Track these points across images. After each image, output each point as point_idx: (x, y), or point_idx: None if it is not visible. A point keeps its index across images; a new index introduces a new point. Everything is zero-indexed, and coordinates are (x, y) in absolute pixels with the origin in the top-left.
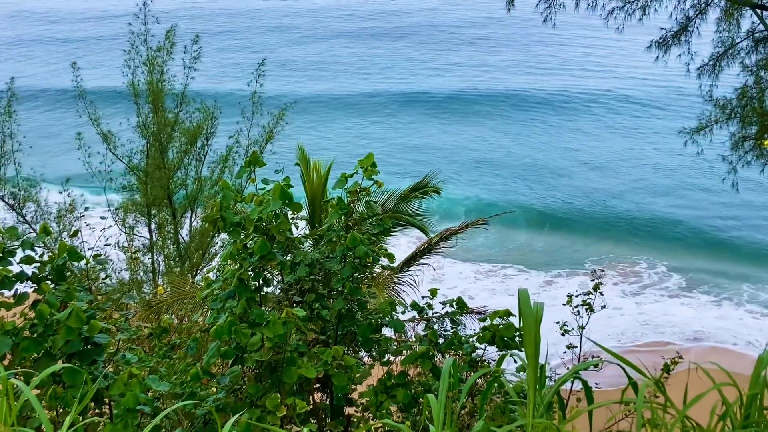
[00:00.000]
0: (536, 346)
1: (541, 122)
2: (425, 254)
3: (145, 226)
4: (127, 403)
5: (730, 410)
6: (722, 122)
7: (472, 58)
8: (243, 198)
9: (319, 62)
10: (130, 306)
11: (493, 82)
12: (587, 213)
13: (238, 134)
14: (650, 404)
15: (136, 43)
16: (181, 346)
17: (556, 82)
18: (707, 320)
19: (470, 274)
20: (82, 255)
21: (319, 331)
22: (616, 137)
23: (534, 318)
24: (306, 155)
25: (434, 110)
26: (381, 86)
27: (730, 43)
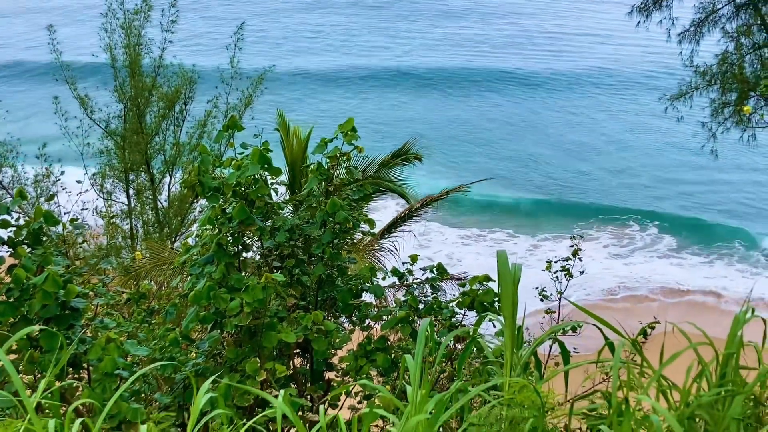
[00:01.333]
0: (514, 307)
1: (524, 96)
2: (406, 221)
3: (123, 192)
4: (105, 367)
5: (706, 370)
6: (702, 89)
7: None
8: (222, 163)
9: (294, 35)
10: (108, 271)
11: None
12: (577, 180)
13: (216, 99)
14: (626, 364)
15: (113, 5)
16: (160, 311)
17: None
18: (696, 279)
19: (457, 239)
20: (59, 219)
21: (299, 296)
22: (605, 113)
23: (512, 279)
24: (286, 120)
25: (417, 86)
26: (360, 61)
27: (711, 9)
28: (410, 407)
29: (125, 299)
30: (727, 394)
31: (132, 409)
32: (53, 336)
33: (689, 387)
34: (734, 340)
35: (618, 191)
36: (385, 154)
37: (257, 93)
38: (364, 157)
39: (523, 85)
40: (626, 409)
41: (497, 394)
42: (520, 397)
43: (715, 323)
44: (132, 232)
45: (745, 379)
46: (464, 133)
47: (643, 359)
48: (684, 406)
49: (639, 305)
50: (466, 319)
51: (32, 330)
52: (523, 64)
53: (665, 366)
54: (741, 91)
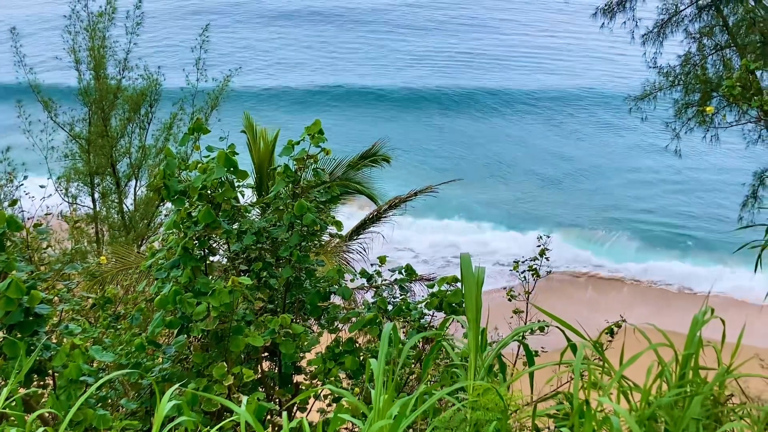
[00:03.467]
0: (477, 310)
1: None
2: (374, 222)
3: (88, 196)
4: (70, 374)
5: (666, 370)
6: (666, 89)
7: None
8: (187, 166)
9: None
10: (73, 276)
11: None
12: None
13: (182, 102)
14: (588, 365)
15: (76, 8)
16: (126, 316)
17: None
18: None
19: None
20: (22, 224)
21: (266, 299)
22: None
23: (475, 282)
24: (252, 122)
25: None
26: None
27: (674, 11)
28: (374, 411)
29: (90, 304)
30: (686, 395)
31: (98, 415)
32: (16, 343)
33: (650, 387)
34: (693, 340)
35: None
36: (353, 156)
37: (223, 95)
38: (331, 159)
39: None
40: (587, 411)
41: (462, 396)
42: (483, 399)
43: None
44: (97, 236)
45: (705, 379)
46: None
47: (604, 360)
48: (644, 407)
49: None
50: (435, 320)
51: None
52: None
53: (625, 367)
54: (704, 91)
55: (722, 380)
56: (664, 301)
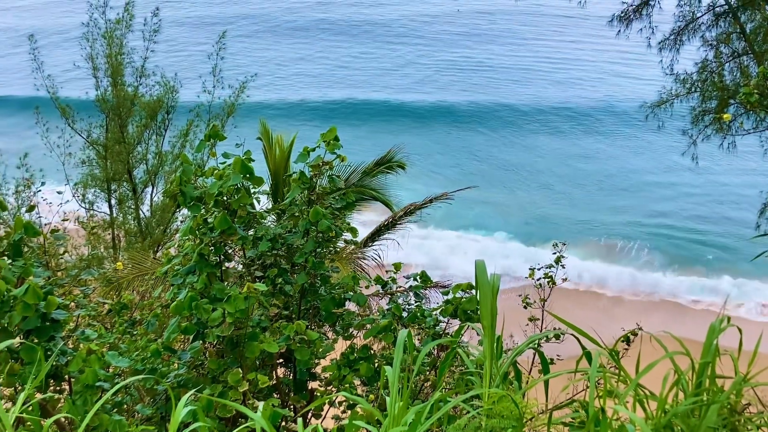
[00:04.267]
0: (493, 317)
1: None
2: (390, 229)
3: (105, 202)
4: (86, 379)
5: (682, 378)
6: (683, 96)
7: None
8: (203, 172)
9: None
10: (90, 282)
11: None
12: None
13: (198, 108)
14: (604, 373)
15: (94, 15)
16: (142, 322)
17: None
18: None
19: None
20: (39, 230)
21: (281, 306)
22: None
23: (490, 289)
24: (268, 129)
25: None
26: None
27: (691, 18)
28: (389, 418)
29: (107, 310)
30: (703, 403)
31: (114, 421)
32: (34, 348)
33: (666, 396)
34: (710, 348)
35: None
36: (368, 163)
37: (239, 102)
38: (347, 165)
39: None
40: (603, 419)
41: (477, 404)
42: (498, 407)
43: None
44: (114, 242)
45: (722, 387)
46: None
47: (620, 369)
48: (661, 415)
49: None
50: (450, 327)
51: (12, 343)
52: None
53: (642, 375)
54: (721, 98)
55: (739, 389)
56: (679, 309)
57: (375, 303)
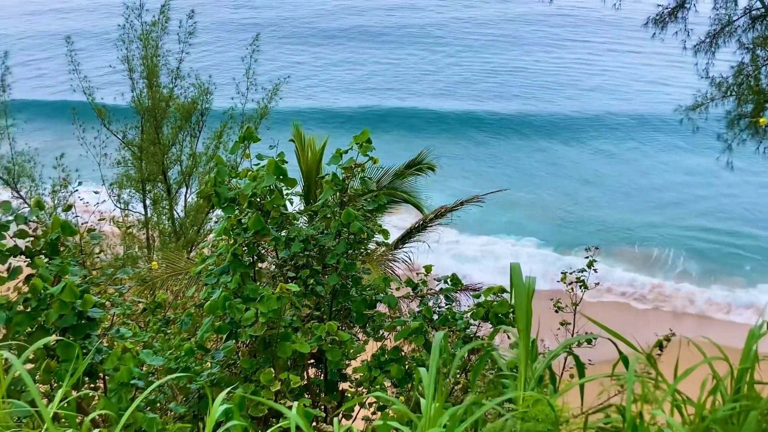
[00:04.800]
0: (528, 320)
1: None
2: (420, 231)
3: (140, 202)
4: (121, 377)
5: (721, 384)
6: (718, 100)
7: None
8: (237, 173)
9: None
10: (125, 281)
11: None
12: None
13: (232, 110)
14: (640, 378)
15: (130, 17)
16: (176, 321)
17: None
18: (703, 293)
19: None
20: (76, 229)
21: (313, 306)
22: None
23: (526, 292)
24: (301, 132)
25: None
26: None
27: (727, 21)
28: (424, 420)
29: (141, 309)
30: (742, 410)
31: (148, 419)
32: (70, 346)
33: (704, 401)
34: (749, 354)
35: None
36: (399, 165)
37: (273, 103)
38: (378, 168)
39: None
40: (640, 424)
41: (511, 407)
42: (534, 410)
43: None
44: (148, 242)
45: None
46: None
47: (657, 373)
48: (698, 421)
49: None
50: (480, 330)
51: (49, 340)
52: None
53: (680, 380)
54: (757, 102)
55: None
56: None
57: (405, 305)
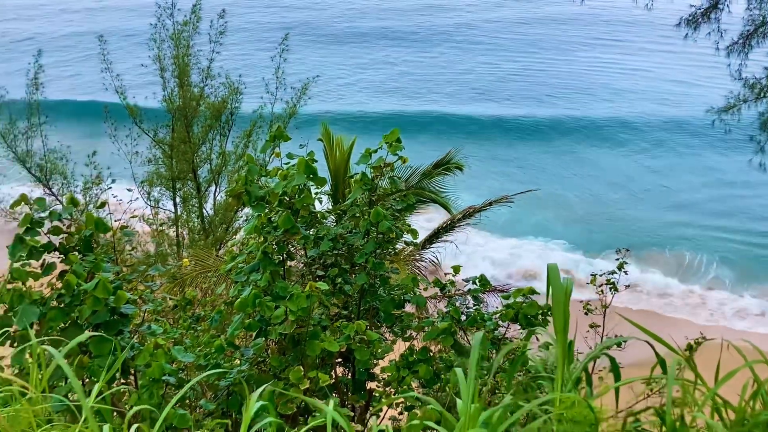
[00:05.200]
0: (565, 321)
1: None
2: (448, 231)
3: (170, 200)
4: (153, 373)
5: (762, 389)
6: (751, 102)
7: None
8: (267, 172)
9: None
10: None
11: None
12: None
13: (261, 109)
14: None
15: (162, 17)
16: (205, 318)
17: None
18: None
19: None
20: (109, 226)
21: (341, 305)
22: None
23: (563, 293)
24: (329, 131)
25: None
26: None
27: (761, 21)
28: (463, 420)
29: (172, 306)
30: None
31: (178, 415)
32: (103, 341)
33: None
34: None
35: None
36: (427, 165)
37: (302, 103)
38: (406, 167)
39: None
40: (681, 427)
41: (546, 409)
42: (571, 412)
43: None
44: (178, 239)
45: None
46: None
47: (697, 376)
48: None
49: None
50: (509, 332)
51: (86, 336)
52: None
53: (721, 384)
54: None
55: None
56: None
57: (433, 306)
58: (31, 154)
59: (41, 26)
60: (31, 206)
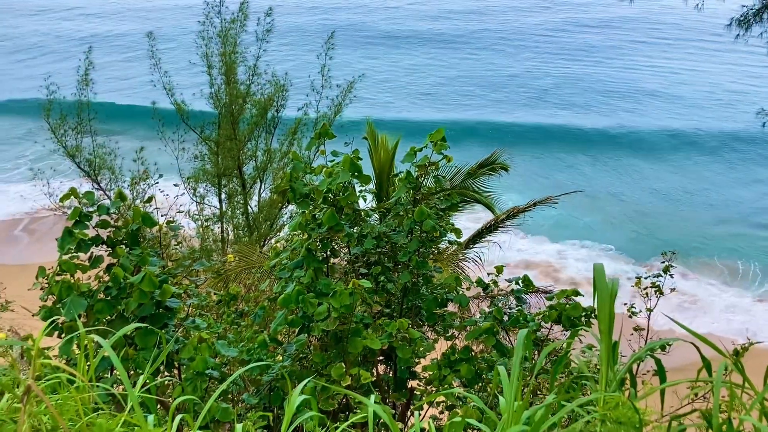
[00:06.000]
0: (611, 322)
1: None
2: (492, 231)
3: (215, 196)
4: (197, 366)
5: None
6: None
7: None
8: (312, 170)
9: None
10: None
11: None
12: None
13: (306, 106)
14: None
15: (210, 14)
16: (249, 313)
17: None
18: None
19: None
20: (156, 221)
21: (384, 303)
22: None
23: (609, 293)
24: (374, 130)
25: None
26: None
27: None
28: (506, 417)
29: (216, 301)
30: None
31: (221, 408)
32: (148, 334)
33: None
34: None
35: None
36: (472, 164)
37: (347, 101)
38: (450, 166)
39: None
40: (728, 430)
41: (590, 409)
42: (615, 413)
43: None
44: (222, 235)
45: None
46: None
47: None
48: None
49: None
50: (552, 333)
51: (132, 327)
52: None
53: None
54: None
55: None
56: None
57: (475, 305)
58: (80, 149)
59: (98, 26)
60: (80, 200)
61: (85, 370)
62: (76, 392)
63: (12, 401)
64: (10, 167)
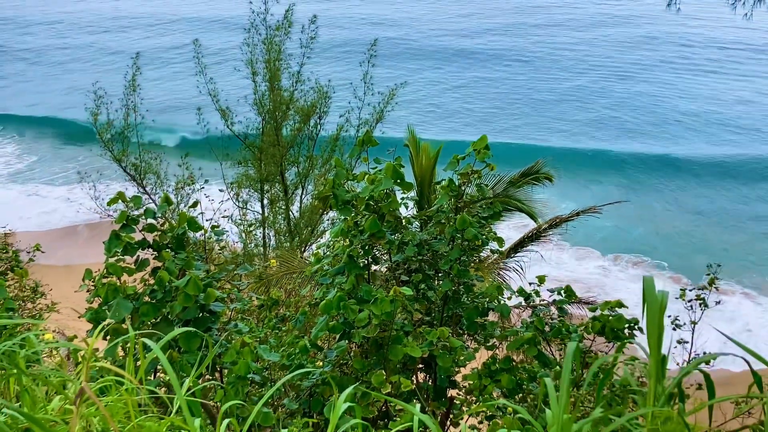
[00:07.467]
0: (660, 335)
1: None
2: (533, 241)
3: (257, 201)
4: (239, 370)
5: None
6: None
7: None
8: (354, 176)
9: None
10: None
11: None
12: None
13: (348, 114)
14: None
15: (255, 21)
16: (290, 318)
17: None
18: None
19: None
20: (201, 225)
21: (424, 311)
22: None
23: (658, 306)
24: (416, 137)
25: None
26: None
27: None
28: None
29: (258, 305)
30: None
31: (262, 413)
32: (193, 337)
33: None
34: None
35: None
36: (514, 173)
37: (388, 109)
38: (492, 174)
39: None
40: None
41: (637, 423)
42: (664, 428)
43: None
44: (264, 240)
45: None
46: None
47: None
48: None
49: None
50: (594, 344)
51: (181, 332)
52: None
53: None
54: None
55: None
56: None
57: (516, 315)
58: (126, 154)
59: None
60: (127, 204)
61: (133, 372)
62: (126, 394)
63: (64, 402)
64: (58, 170)
